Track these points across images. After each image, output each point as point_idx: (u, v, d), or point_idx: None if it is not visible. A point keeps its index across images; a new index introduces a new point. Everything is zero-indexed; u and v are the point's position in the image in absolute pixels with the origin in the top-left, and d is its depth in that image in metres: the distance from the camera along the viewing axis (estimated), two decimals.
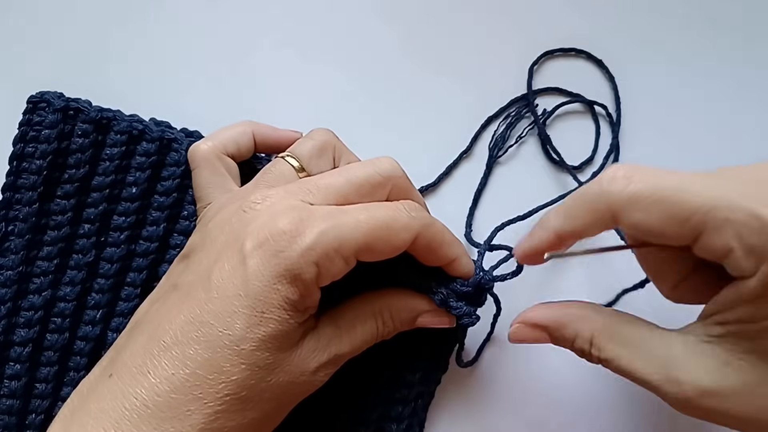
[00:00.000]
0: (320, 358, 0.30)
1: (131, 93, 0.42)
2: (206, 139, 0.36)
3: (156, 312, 0.30)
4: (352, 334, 0.32)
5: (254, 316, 0.28)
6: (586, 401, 0.39)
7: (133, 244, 0.38)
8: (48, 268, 0.37)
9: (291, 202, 0.29)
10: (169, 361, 0.28)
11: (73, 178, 0.37)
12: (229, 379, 0.27)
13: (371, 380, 0.37)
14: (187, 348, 0.28)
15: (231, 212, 0.31)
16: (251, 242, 0.28)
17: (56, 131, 0.37)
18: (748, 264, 0.25)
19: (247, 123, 0.37)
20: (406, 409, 0.37)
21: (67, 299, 0.37)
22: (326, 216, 0.29)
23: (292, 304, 0.28)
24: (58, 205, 0.38)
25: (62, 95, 0.38)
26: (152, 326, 0.29)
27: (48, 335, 0.37)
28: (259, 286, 0.28)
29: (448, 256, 0.32)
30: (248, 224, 0.29)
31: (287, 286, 0.28)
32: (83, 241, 0.38)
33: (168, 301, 0.30)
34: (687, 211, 0.26)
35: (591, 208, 0.28)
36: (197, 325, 0.28)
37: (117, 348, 0.30)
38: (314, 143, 0.34)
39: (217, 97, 0.43)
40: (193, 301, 0.28)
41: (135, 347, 0.29)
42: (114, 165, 0.38)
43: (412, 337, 0.36)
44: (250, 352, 0.28)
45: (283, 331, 0.28)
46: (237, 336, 0.27)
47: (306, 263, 0.28)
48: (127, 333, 0.31)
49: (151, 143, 0.38)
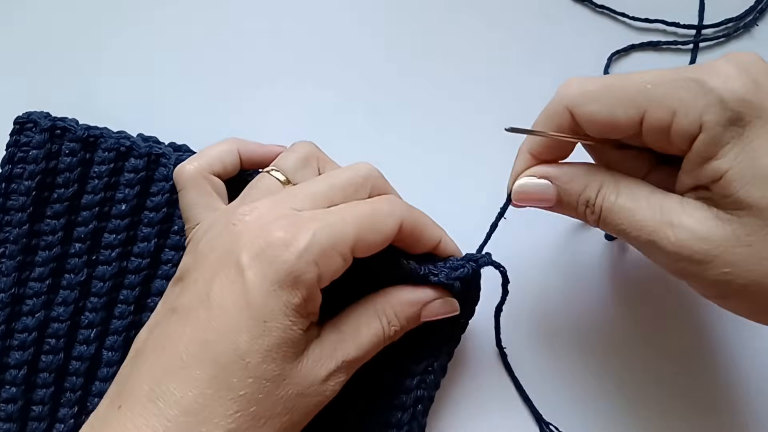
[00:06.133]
0: (328, 366, 0.30)
1: (118, 109, 0.42)
2: (191, 159, 0.36)
3: (157, 338, 0.30)
4: (357, 337, 0.31)
5: (258, 326, 0.27)
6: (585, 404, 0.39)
7: (125, 261, 0.38)
8: (40, 289, 0.37)
9: (280, 211, 0.30)
10: (176, 385, 0.27)
11: (63, 197, 0.37)
12: (238, 395, 0.27)
13: (370, 388, 0.37)
14: (193, 369, 0.27)
15: (221, 228, 0.31)
16: (247, 254, 0.28)
17: (44, 151, 0.37)
18: (691, 121, 0.28)
19: (232, 140, 0.37)
20: (406, 414, 0.37)
21: (60, 319, 0.37)
22: (316, 218, 0.29)
23: (295, 310, 0.28)
24: (49, 225, 0.37)
25: (48, 115, 0.38)
26: (155, 353, 0.29)
27: (43, 356, 0.37)
28: (259, 296, 0.28)
29: (434, 237, 0.34)
30: (240, 237, 0.29)
31: (288, 291, 0.28)
32: (75, 261, 0.37)
33: (168, 325, 0.29)
34: (631, 93, 0.29)
35: (552, 113, 0.31)
36: (201, 345, 0.28)
37: (121, 379, 0.30)
38: (297, 155, 0.34)
39: (206, 110, 0.43)
40: (194, 322, 0.28)
41: (140, 375, 0.28)
42: (103, 182, 0.38)
43: (409, 342, 0.36)
44: (257, 365, 0.27)
45: (287, 339, 0.28)
46: (242, 349, 0.27)
47: (306, 264, 0.28)
48: (129, 363, 0.30)
49: (139, 159, 0.38)
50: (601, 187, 0.31)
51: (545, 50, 0.44)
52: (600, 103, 0.30)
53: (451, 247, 0.35)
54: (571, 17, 0.44)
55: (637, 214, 0.30)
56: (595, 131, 0.31)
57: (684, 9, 0.44)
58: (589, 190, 0.32)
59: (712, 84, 0.27)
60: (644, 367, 0.39)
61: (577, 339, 0.40)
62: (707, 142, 0.28)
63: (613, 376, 0.39)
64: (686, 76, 0.28)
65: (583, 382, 0.39)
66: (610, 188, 0.31)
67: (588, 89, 0.30)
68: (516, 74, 0.44)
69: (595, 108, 0.30)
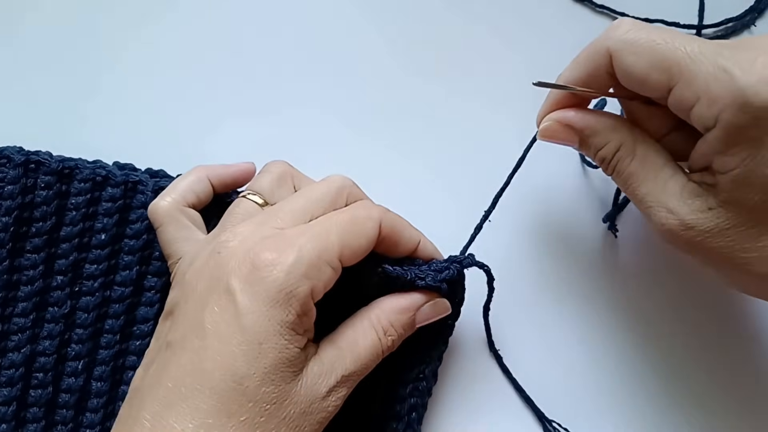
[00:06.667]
0: (328, 382, 0.30)
1: (93, 138, 0.42)
2: (164, 194, 0.36)
3: (154, 374, 0.29)
4: (355, 351, 0.31)
5: (253, 349, 0.27)
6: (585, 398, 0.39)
7: (108, 291, 0.38)
8: (25, 324, 0.37)
9: (263, 232, 0.30)
10: (177, 418, 0.27)
11: (41, 231, 0.37)
12: (239, 421, 0.27)
13: (364, 399, 0.37)
14: (192, 400, 0.27)
15: (206, 258, 0.31)
16: (236, 278, 0.28)
17: (19, 186, 0.37)
18: (710, 113, 0.28)
19: (199, 168, 0.37)
20: (401, 424, 0.37)
21: (47, 353, 0.37)
22: (299, 233, 0.30)
23: (290, 328, 0.28)
24: (29, 259, 0.37)
25: (22, 149, 0.38)
26: (153, 388, 0.29)
27: (31, 391, 0.37)
28: (253, 318, 0.28)
29: (413, 238, 0.34)
30: (227, 263, 0.29)
31: (281, 309, 0.28)
32: (57, 293, 0.37)
33: (164, 360, 0.29)
34: (669, 60, 0.29)
35: (594, 51, 0.32)
36: (198, 374, 0.28)
37: (123, 419, 0.30)
38: (272, 176, 0.34)
39: (181, 135, 0.43)
40: (189, 352, 0.28)
41: (140, 413, 0.28)
42: (81, 213, 0.38)
43: (399, 350, 0.36)
44: (256, 389, 0.27)
45: (284, 359, 0.28)
46: (239, 374, 0.27)
47: (296, 279, 0.28)
48: (128, 402, 0.30)
49: (116, 188, 0.38)
50: (618, 148, 0.33)
51: (544, 51, 0.44)
52: (639, 57, 0.30)
53: (429, 248, 0.35)
54: (571, 17, 0.44)
55: (643, 186, 0.32)
56: (626, 82, 0.31)
57: (684, 9, 0.44)
58: (607, 148, 0.33)
59: (743, 82, 0.27)
60: (642, 357, 0.40)
61: (571, 333, 0.40)
62: (720, 138, 0.28)
63: (611, 368, 0.40)
64: (722, 64, 0.28)
65: (581, 377, 0.40)
66: (627, 151, 0.32)
67: (633, 39, 0.30)
68: (514, 75, 0.43)
69: (632, 60, 0.30)
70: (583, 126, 0.34)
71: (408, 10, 0.45)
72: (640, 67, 0.30)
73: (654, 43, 0.30)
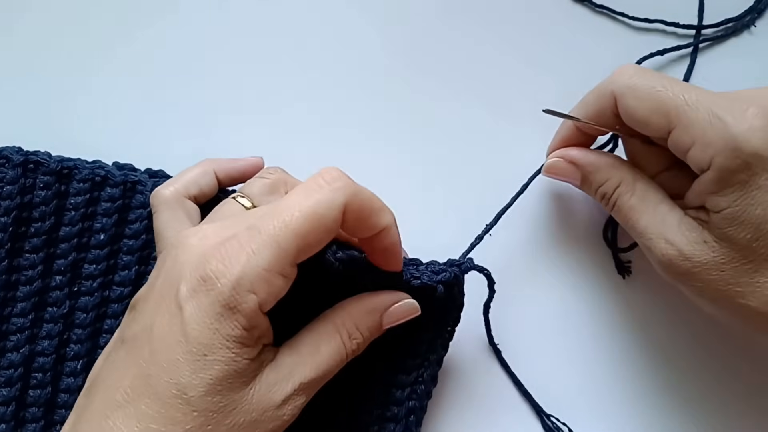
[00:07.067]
0: (284, 390, 0.29)
1: (93, 138, 0.42)
2: (168, 183, 0.36)
3: (106, 369, 0.29)
4: (316, 357, 0.30)
5: (197, 361, 0.27)
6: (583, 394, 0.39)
7: (107, 291, 0.38)
8: (23, 324, 0.37)
9: (224, 234, 0.29)
10: (122, 421, 0.27)
11: (40, 231, 0.37)
12: (184, 429, 0.27)
13: (361, 401, 0.37)
14: (138, 404, 0.27)
15: (165, 255, 0.30)
16: (185, 286, 0.28)
17: (18, 186, 0.37)
18: (705, 156, 0.31)
19: (206, 162, 0.37)
20: (399, 426, 0.37)
21: (45, 353, 0.37)
22: (250, 239, 0.28)
23: (237, 341, 0.27)
24: (28, 259, 0.37)
25: (20, 149, 0.38)
26: (105, 385, 0.29)
27: (30, 391, 0.37)
28: (197, 329, 0.27)
29: (377, 225, 0.31)
30: (182, 266, 0.28)
31: (227, 323, 0.27)
32: (56, 293, 0.37)
33: (117, 357, 0.29)
34: (668, 105, 0.32)
35: (600, 93, 0.35)
36: (144, 379, 0.27)
37: (78, 410, 0.30)
38: (265, 181, 0.34)
39: (181, 135, 0.43)
40: (138, 356, 0.28)
41: (91, 409, 0.28)
42: (80, 214, 0.38)
43: (398, 353, 0.36)
44: (200, 398, 0.27)
45: (231, 371, 0.27)
46: (183, 384, 0.27)
47: (240, 294, 0.27)
48: (85, 393, 0.30)
49: (115, 188, 0.38)
50: (619, 185, 0.35)
51: (545, 52, 0.44)
52: (641, 102, 0.33)
53: (392, 239, 0.32)
54: (571, 17, 0.44)
55: (643, 219, 0.34)
56: (630, 123, 0.34)
57: (684, 9, 0.44)
58: (608, 185, 0.35)
59: (735, 130, 0.30)
60: (639, 352, 0.40)
61: (571, 330, 0.40)
62: (713, 179, 0.31)
63: (609, 364, 0.40)
64: (716, 112, 0.31)
65: (579, 372, 0.40)
66: (627, 187, 0.35)
67: (636, 84, 0.33)
68: (515, 78, 0.43)
69: (635, 104, 0.33)
70: (585, 163, 0.36)
71: (409, 15, 0.44)
72: (642, 111, 0.33)
73: (654, 90, 0.32)
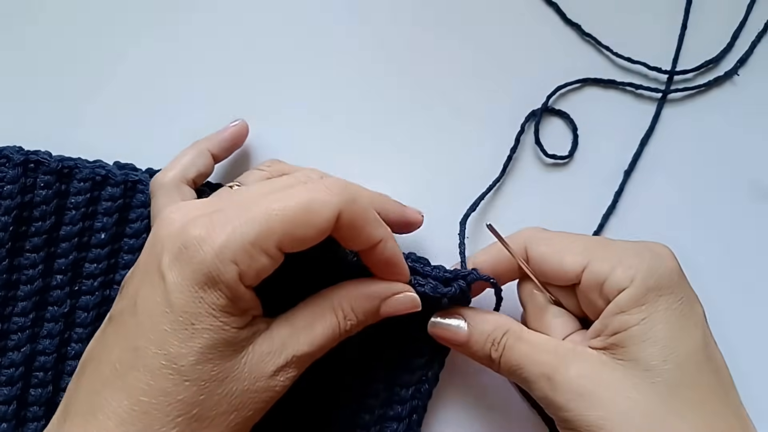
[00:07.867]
0: (276, 361, 0.29)
1: (94, 138, 0.42)
2: (166, 168, 0.36)
3: (95, 348, 0.29)
4: (310, 332, 0.30)
5: (185, 330, 0.27)
6: None
7: (108, 290, 0.38)
8: (24, 324, 0.37)
9: (206, 209, 0.29)
10: (112, 395, 0.27)
11: (41, 230, 0.37)
12: (176, 400, 0.27)
13: (365, 399, 0.37)
14: (127, 377, 0.27)
15: (151, 231, 0.30)
16: (168, 256, 0.27)
17: (18, 186, 0.37)
18: (626, 276, 0.31)
19: (199, 142, 0.38)
20: (401, 425, 0.37)
21: (46, 352, 0.37)
22: (238, 213, 0.28)
23: (222, 309, 0.27)
24: (28, 259, 0.37)
25: (21, 149, 0.38)
26: (94, 363, 0.29)
27: (32, 390, 0.37)
28: (182, 298, 0.27)
29: (372, 237, 0.30)
30: (163, 239, 0.28)
31: (210, 291, 0.27)
32: (57, 292, 0.37)
33: (105, 334, 0.29)
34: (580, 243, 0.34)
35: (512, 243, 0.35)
36: (132, 352, 0.27)
37: (69, 393, 0.30)
38: (262, 173, 0.35)
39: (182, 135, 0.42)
40: (123, 329, 0.28)
41: (82, 388, 0.28)
42: (80, 213, 0.38)
43: (403, 352, 0.37)
44: (191, 367, 0.27)
45: (220, 339, 0.27)
46: (172, 354, 0.27)
47: (222, 263, 0.27)
48: (76, 376, 0.30)
49: (116, 187, 0.38)
50: (507, 331, 0.34)
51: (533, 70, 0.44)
52: (552, 247, 0.34)
53: (389, 252, 0.32)
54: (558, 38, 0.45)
55: (535, 353, 0.33)
56: (544, 270, 0.34)
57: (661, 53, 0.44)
58: (497, 331, 0.34)
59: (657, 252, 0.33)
60: None
61: None
62: (631, 296, 0.31)
63: None
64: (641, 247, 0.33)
65: None
66: (515, 333, 0.34)
67: (545, 233, 0.35)
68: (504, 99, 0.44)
69: (546, 249, 0.34)
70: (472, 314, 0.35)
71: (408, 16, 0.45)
72: (554, 254, 0.34)
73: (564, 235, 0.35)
